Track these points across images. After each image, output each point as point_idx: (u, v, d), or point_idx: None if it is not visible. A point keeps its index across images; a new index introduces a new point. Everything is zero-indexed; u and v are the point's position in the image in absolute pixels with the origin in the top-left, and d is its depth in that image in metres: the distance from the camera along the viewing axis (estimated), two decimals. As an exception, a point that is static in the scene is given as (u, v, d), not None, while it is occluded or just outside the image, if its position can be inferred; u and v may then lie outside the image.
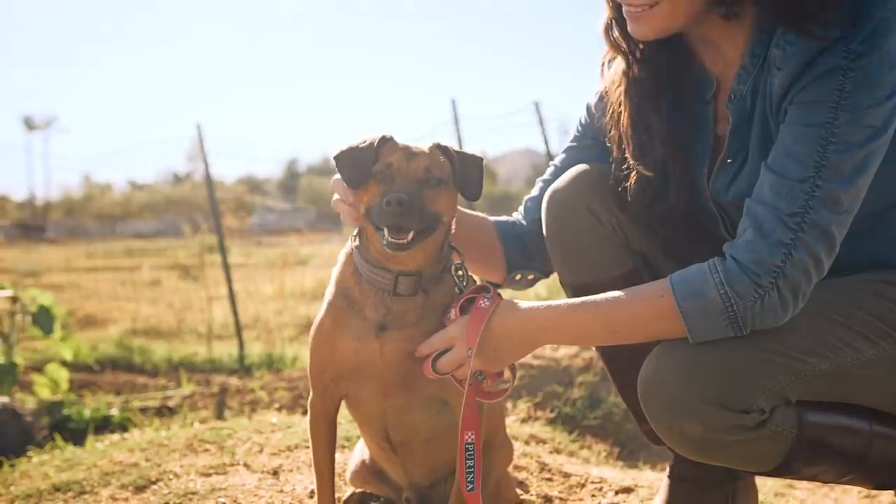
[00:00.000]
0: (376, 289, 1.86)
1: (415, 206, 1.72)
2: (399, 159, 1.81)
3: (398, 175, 1.79)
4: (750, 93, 1.76)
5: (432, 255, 1.86)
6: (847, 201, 1.62)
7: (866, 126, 1.60)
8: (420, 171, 1.80)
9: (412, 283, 1.85)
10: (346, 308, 1.88)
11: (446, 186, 1.83)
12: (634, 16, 1.75)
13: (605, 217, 1.99)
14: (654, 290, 1.70)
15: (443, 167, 1.84)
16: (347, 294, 1.89)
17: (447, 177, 1.83)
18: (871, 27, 1.57)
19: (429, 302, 1.87)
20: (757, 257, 1.62)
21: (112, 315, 10.76)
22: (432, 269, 1.88)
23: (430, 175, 1.80)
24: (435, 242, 1.85)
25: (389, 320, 1.85)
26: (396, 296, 1.85)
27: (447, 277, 1.91)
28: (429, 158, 1.83)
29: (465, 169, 1.87)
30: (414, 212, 1.72)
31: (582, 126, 2.17)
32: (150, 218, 45.49)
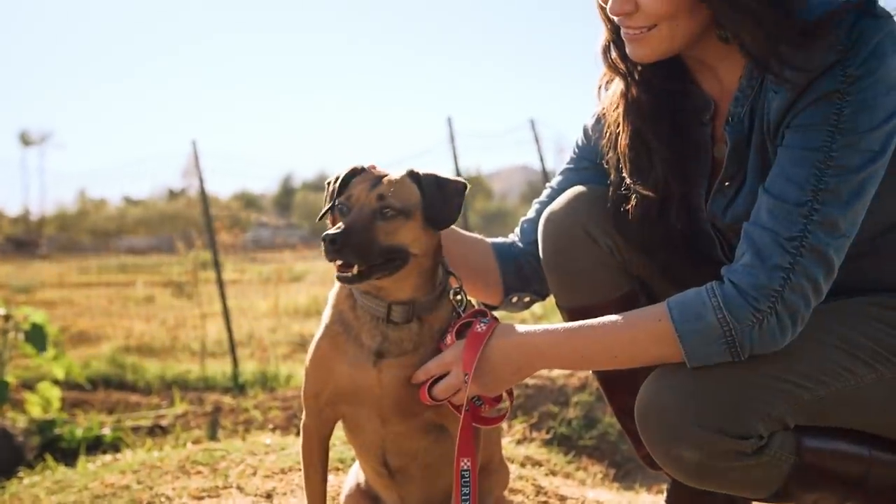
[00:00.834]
0: (371, 316, 1.84)
1: (358, 239, 1.69)
2: (360, 190, 1.78)
3: (354, 207, 1.76)
4: (747, 115, 1.76)
5: (420, 284, 1.84)
6: (845, 225, 1.61)
7: (864, 150, 1.60)
8: (374, 201, 1.76)
9: (405, 312, 1.83)
10: (343, 334, 1.86)
11: (407, 217, 1.77)
12: (632, 38, 1.75)
13: (602, 240, 1.98)
14: (652, 315, 1.69)
15: (406, 196, 1.78)
16: (344, 319, 1.87)
17: (411, 206, 1.78)
18: (867, 51, 1.58)
19: (425, 329, 1.86)
20: (755, 282, 1.61)
21: (105, 332, 10.72)
22: (425, 297, 1.85)
23: (385, 205, 1.75)
24: (417, 272, 1.82)
25: (386, 347, 1.84)
26: (391, 323, 1.83)
27: (444, 304, 1.89)
28: (388, 187, 1.78)
29: (442, 196, 1.82)
30: (356, 246, 1.68)
31: (579, 148, 2.16)
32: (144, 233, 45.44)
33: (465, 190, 1.87)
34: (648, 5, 1.67)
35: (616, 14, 1.72)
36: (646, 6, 1.67)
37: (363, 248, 1.69)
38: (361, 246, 1.69)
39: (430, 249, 1.83)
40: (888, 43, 1.59)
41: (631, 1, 1.68)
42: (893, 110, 1.61)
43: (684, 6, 1.66)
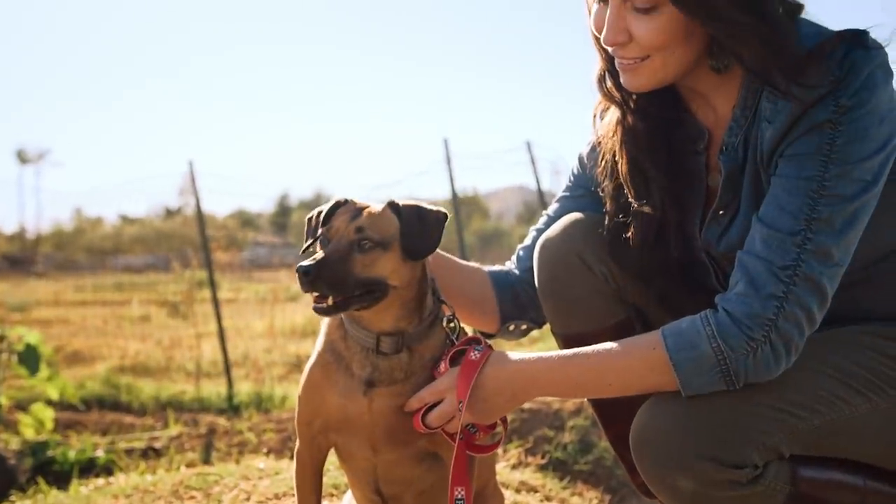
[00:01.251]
0: (361, 346, 1.84)
1: (333, 271, 1.69)
2: (340, 222, 1.79)
3: (333, 239, 1.76)
4: (741, 145, 1.77)
5: (404, 315, 1.84)
6: (838, 254, 1.62)
7: (857, 179, 1.60)
8: (352, 233, 1.76)
9: (394, 342, 1.83)
10: (334, 363, 1.86)
11: (384, 248, 1.76)
12: (627, 68, 1.76)
13: (596, 267, 1.99)
14: (647, 343, 1.69)
15: (385, 228, 1.78)
16: (335, 349, 1.87)
17: (389, 237, 1.78)
18: (859, 82, 1.59)
19: (415, 359, 1.85)
20: (749, 310, 1.61)
21: (100, 351, 10.69)
22: (414, 328, 1.85)
23: (362, 236, 1.75)
24: (398, 303, 1.82)
25: (377, 377, 1.83)
26: (380, 354, 1.83)
27: (435, 333, 1.88)
28: (367, 219, 1.78)
29: (421, 227, 1.81)
30: (330, 278, 1.68)
31: (574, 176, 2.17)
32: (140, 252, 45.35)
33: (446, 220, 1.86)
34: (642, 36, 1.68)
35: (610, 45, 1.73)
36: (639, 37, 1.68)
37: (338, 279, 1.69)
38: (336, 278, 1.69)
39: (410, 281, 1.82)
40: (879, 74, 1.61)
41: (624, 32, 1.70)
42: (885, 141, 1.62)
43: (678, 37, 1.67)
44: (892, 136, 1.64)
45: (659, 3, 1.63)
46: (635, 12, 1.67)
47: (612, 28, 1.70)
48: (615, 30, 1.70)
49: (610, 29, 1.70)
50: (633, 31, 1.68)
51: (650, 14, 1.65)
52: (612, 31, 1.70)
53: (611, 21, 1.70)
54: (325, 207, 1.86)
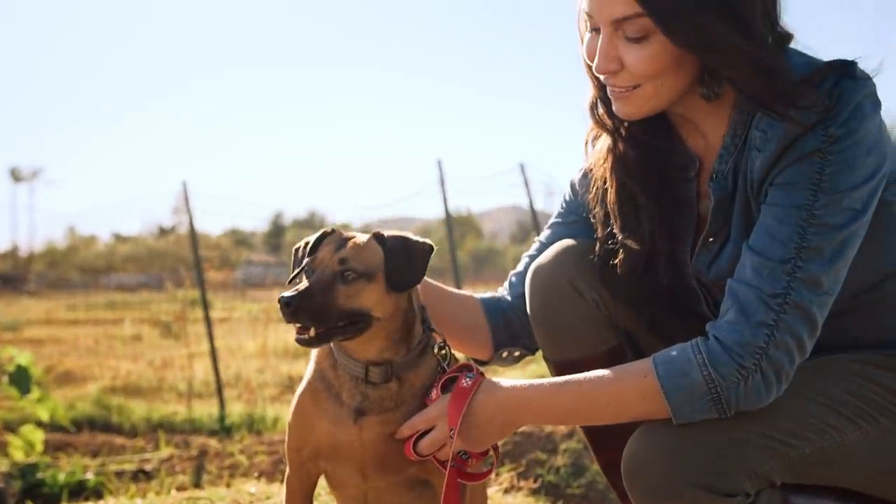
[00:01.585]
0: (350, 375, 1.84)
1: (315, 302, 1.68)
2: (325, 252, 1.78)
3: (318, 269, 1.76)
4: (731, 172, 1.78)
5: (390, 345, 1.83)
6: (828, 283, 1.63)
7: (846, 208, 1.61)
8: (336, 264, 1.75)
9: (383, 372, 1.83)
10: (324, 391, 1.86)
11: (368, 279, 1.75)
12: (618, 96, 1.77)
13: (588, 294, 1.99)
14: (638, 371, 1.69)
15: (369, 259, 1.77)
16: (325, 377, 1.87)
17: (373, 269, 1.77)
18: (848, 112, 1.60)
19: (405, 388, 1.85)
20: (740, 338, 1.62)
21: (91, 371, 10.63)
22: (402, 357, 1.84)
23: (346, 267, 1.74)
24: (384, 334, 1.81)
25: (367, 405, 1.83)
26: (370, 384, 1.83)
27: (426, 362, 1.88)
28: (351, 250, 1.77)
29: (406, 258, 1.81)
30: (312, 309, 1.68)
31: (566, 202, 2.18)
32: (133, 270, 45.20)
33: (432, 252, 1.86)
34: (633, 65, 1.69)
35: (602, 73, 1.75)
36: (631, 66, 1.69)
37: (320, 311, 1.69)
38: (318, 309, 1.68)
39: (395, 312, 1.81)
40: (868, 104, 1.62)
41: (616, 60, 1.71)
42: (874, 170, 1.63)
43: (669, 65, 1.68)
44: (881, 165, 1.65)
45: (650, 32, 1.64)
46: (627, 41, 1.68)
47: (604, 56, 1.71)
48: (607, 58, 1.71)
49: (602, 57, 1.71)
50: (625, 59, 1.69)
51: (641, 43, 1.66)
52: (603, 59, 1.71)
53: (602, 49, 1.71)
54: (311, 238, 1.86)
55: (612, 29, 1.69)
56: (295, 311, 1.66)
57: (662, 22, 1.61)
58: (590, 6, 1.70)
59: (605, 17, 1.68)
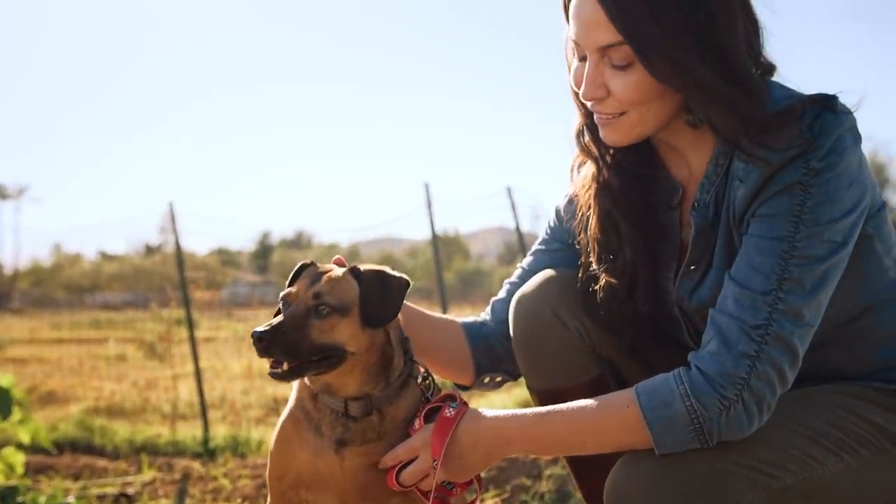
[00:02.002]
0: (331, 409, 1.83)
1: (287, 337, 1.67)
2: (301, 286, 1.78)
3: (293, 303, 1.75)
4: (713, 202, 1.80)
5: (368, 379, 1.81)
6: (809, 314, 1.64)
7: (827, 241, 1.63)
8: (310, 298, 1.74)
9: (363, 406, 1.82)
10: (304, 421, 1.85)
11: (342, 314, 1.74)
12: (605, 123, 1.79)
13: (571, 323, 2.00)
14: (620, 401, 1.70)
15: (343, 294, 1.76)
16: (305, 408, 1.86)
17: (348, 303, 1.75)
18: (828, 145, 1.62)
19: (386, 421, 1.84)
20: (721, 369, 1.63)
21: (75, 392, 10.53)
22: (381, 391, 1.83)
23: (319, 302, 1.73)
24: (360, 368, 1.79)
25: (348, 437, 1.82)
26: (350, 417, 1.82)
27: (407, 394, 1.87)
28: (326, 285, 1.76)
29: (382, 293, 1.80)
30: (284, 344, 1.67)
31: (551, 229, 2.19)
32: (119, 289, 44.88)
33: (408, 287, 1.85)
34: (619, 92, 1.71)
35: (588, 100, 1.76)
36: (617, 93, 1.71)
37: (292, 346, 1.68)
38: (290, 344, 1.67)
39: (370, 346, 1.79)
40: (849, 138, 1.64)
41: (602, 87, 1.73)
42: (855, 203, 1.65)
43: (655, 93, 1.70)
44: (862, 199, 1.67)
45: (635, 60, 1.66)
46: (613, 68, 1.70)
47: (591, 84, 1.73)
48: (594, 85, 1.73)
49: (588, 84, 1.73)
50: (611, 86, 1.71)
51: (627, 70, 1.68)
52: (590, 86, 1.73)
53: (589, 77, 1.73)
54: (295, 268, 1.86)
55: (599, 56, 1.71)
56: (267, 346, 1.66)
57: (640, 52, 1.63)
58: (577, 34, 1.72)
59: (591, 45, 1.70)
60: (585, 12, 1.68)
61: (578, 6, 1.70)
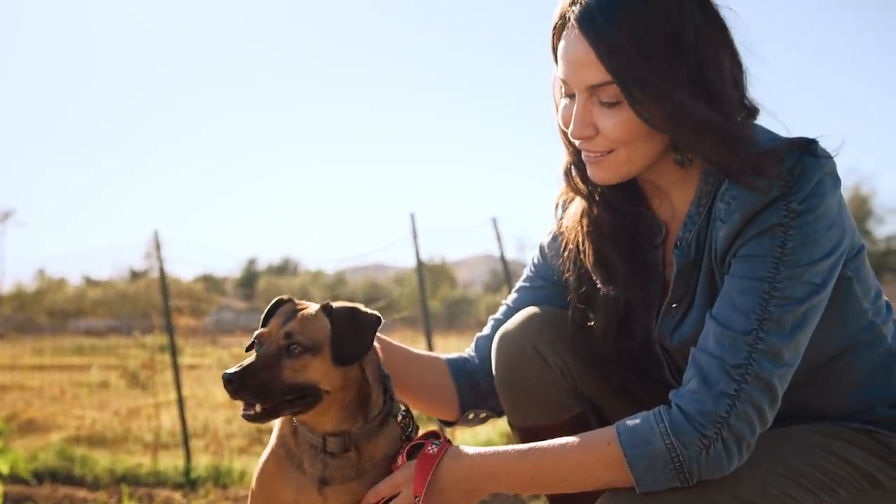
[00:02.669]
0: (310, 444, 1.82)
1: (258, 379, 1.65)
2: (273, 325, 1.77)
3: (265, 343, 1.74)
4: (695, 241, 1.82)
5: (344, 417, 1.81)
6: (788, 354, 1.66)
7: (806, 282, 1.65)
8: (281, 338, 1.73)
9: (341, 442, 1.81)
10: (286, 459, 1.84)
11: (314, 353, 1.73)
12: (593, 161, 1.80)
13: (553, 361, 2.00)
14: (601, 439, 1.70)
15: (315, 332, 1.75)
16: (286, 445, 1.86)
17: (319, 342, 1.74)
18: (809, 188, 1.64)
19: (365, 458, 1.83)
20: (701, 407, 1.64)
21: (56, 420, 10.40)
22: (360, 428, 1.82)
23: (291, 341, 1.72)
24: (336, 406, 1.79)
25: (329, 475, 1.81)
26: (328, 453, 1.81)
27: (386, 431, 1.86)
28: (298, 323, 1.75)
29: (354, 330, 1.78)
30: (255, 386, 1.65)
31: (535, 266, 2.20)
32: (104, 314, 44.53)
33: (379, 324, 1.85)
34: (608, 130, 1.72)
35: (577, 138, 1.78)
36: (605, 131, 1.73)
37: (264, 387, 1.66)
38: (262, 385, 1.66)
39: (345, 384, 1.78)
40: (828, 181, 1.67)
41: (591, 126, 1.74)
42: (834, 246, 1.68)
43: (643, 131, 1.71)
44: (841, 241, 1.69)
45: (623, 98, 1.68)
46: (601, 107, 1.72)
47: (580, 122, 1.74)
48: (582, 124, 1.74)
49: (577, 123, 1.75)
50: (600, 124, 1.73)
51: (615, 108, 1.70)
52: (579, 125, 1.75)
53: (578, 115, 1.74)
54: (271, 304, 1.85)
55: (587, 95, 1.72)
56: (237, 389, 1.64)
57: (629, 91, 1.65)
58: (565, 73, 1.74)
59: (580, 84, 1.72)
60: (574, 52, 1.70)
61: (567, 46, 1.72)
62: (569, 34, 1.72)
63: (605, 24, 1.64)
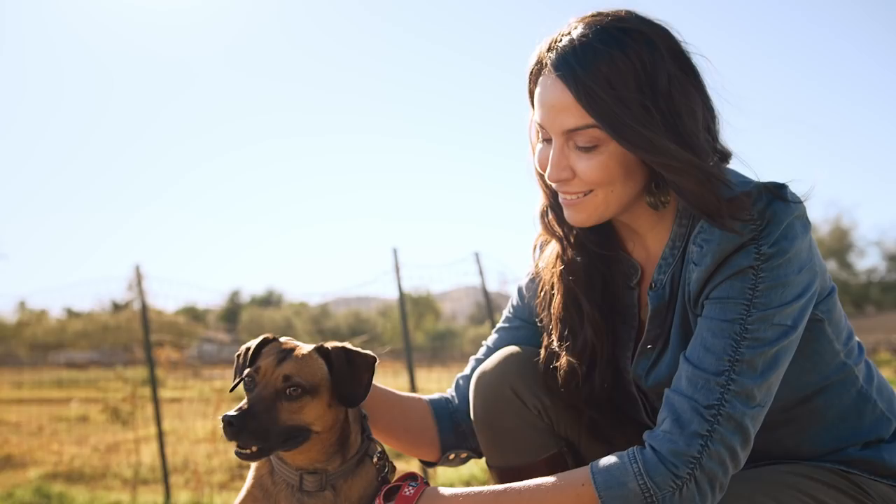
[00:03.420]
0: (287, 483, 1.82)
1: (258, 423, 1.66)
2: (267, 365, 1.77)
3: (260, 383, 1.74)
4: (669, 283, 1.84)
5: (324, 456, 1.82)
6: (760, 395, 1.67)
7: (777, 324, 1.67)
8: (279, 380, 1.73)
9: (317, 481, 1.81)
10: (262, 500, 1.84)
11: (312, 395, 1.74)
12: (570, 203, 1.83)
13: (530, 401, 2.01)
14: (576, 479, 1.71)
15: (312, 373, 1.76)
16: (263, 484, 1.85)
17: (317, 383, 1.76)
18: (779, 232, 1.67)
19: (340, 498, 1.83)
20: (674, 448, 1.65)
21: (34, 455, 10.25)
22: (337, 467, 1.83)
23: (290, 384, 1.72)
24: (318, 447, 1.79)
25: None
26: (304, 492, 1.81)
27: (363, 471, 1.86)
28: (295, 365, 1.75)
29: (351, 371, 1.80)
30: (255, 430, 1.66)
31: (513, 307, 2.22)
32: (85, 347, 44.07)
33: (375, 363, 1.86)
34: (585, 173, 1.75)
35: (554, 181, 1.80)
36: (582, 174, 1.75)
37: (263, 430, 1.67)
38: (261, 428, 1.67)
39: (334, 424, 1.80)
40: (798, 225, 1.70)
41: (568, 168, 1.77)
42: (805, 288, 1.70)
43: (618, 173, 1.74)
44: (812, 283, 1.72)
45: (600, 142, 1.71)
46: (578, 151, 1.74)
47: (556, 166, 1.77)
48: (559, 167, 1.77)
49: (554, 166, 1.77)
50: (577, 167, 1.75)
51: (591, 152, 1.73)
52: (556, 168, 1.77)
53: (555, 159, 1.77)
54: (252, 343, 1.86)
55: (564, 139, 1.75)
56: (238, 432, 1.64)
57: (615, 131, 1.66)
58: (542, 118, 1.77)
59: (556, 128, 1.74)
60: (552, 97, 1.73)
61: (544, 92, 1.75)
62: (545, 80, 1.75)
63: (582, 71, 1.67)
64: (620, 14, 1.73)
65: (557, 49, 1.72)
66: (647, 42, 1.69)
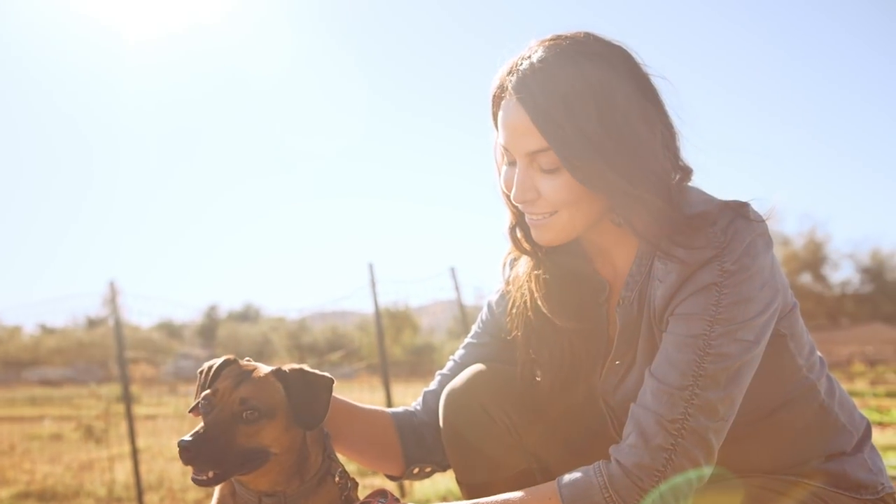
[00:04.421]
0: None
1: (214, 447, 1.65)
2: (224, 388, 1.76)
3: (217, 406, 1.74)
4: (636, 299, 1.86)
5: (282, 478, 1.81)
6: (723, 409, 1.70)
7: (740, 339, 1.70)
8: (236, 403, 1.73)
9: (276, 503, 1.81)
10: None
11: (270, 418, 1.74)
12: (536, 223, 1.85)
13: (499, 417, 2.03)
14: (543, 494, 1.73)
15: (270, 396, 1.76)
16: None
17: (275, 406, 1.76)
18: (741, 249, 1.70)
19: None
20: (639, 461, 1.67)
21: (6, 474, 10.10)
22: (295, 488, 1.82)
23: (247, 407, 1.72)
24: (277, 469, 1.79)
25: None
26: None
27: (323, 491, 1.86)
28: (252, 388, 1.75)
29: (309, 393, 1.80)
30: (211, 454, 1.65)
31: (483, 322, 2.23)
32: (60, 363, 43.56)
33: (333, 385, 1.87)
34: (549, 194, 1.77)
35: (519, 202, 1.82)
36: (547, 194, 1.77)
37: (219, 454, 1.66)
38: (217, 452, 1.66)
39: (292, 446, 1.80)
40: (760, 242, 1.73)
41: (533, 189, 1.79)
42: (767, 304, 1.73)
43: (584, 193, 1.76)
44: (773, 300, 1.75)
45: (562, 165, 1.73)
46: (542, 172, 1.76)
47: (521, 187, 1.79)
48: (523, 188, 1.79)
49: (519, 188, 1.79)
50: (541, 189, 1.78)
51: (554, 174, 1.75)
52: (520, 189, 1.79)
53: (520, 180, 1.79)
54: (215, 362, 1.86)
55: (528, 161, 1.77)
56: (195, 457, 1.64)
57: (565, 158, 1.70)
58: (506, 140, 1.79)
59: (519, 151, 1.77)
60: (513, 120, 1.76)
61: (506, 115, 1.78)
62: (507, 103, 1.77)
63: (539, 93, 1.70)
64: (579, 37, 1.77)
65: (518, 72, 1.75)
66: (605, 63, 1.72)
